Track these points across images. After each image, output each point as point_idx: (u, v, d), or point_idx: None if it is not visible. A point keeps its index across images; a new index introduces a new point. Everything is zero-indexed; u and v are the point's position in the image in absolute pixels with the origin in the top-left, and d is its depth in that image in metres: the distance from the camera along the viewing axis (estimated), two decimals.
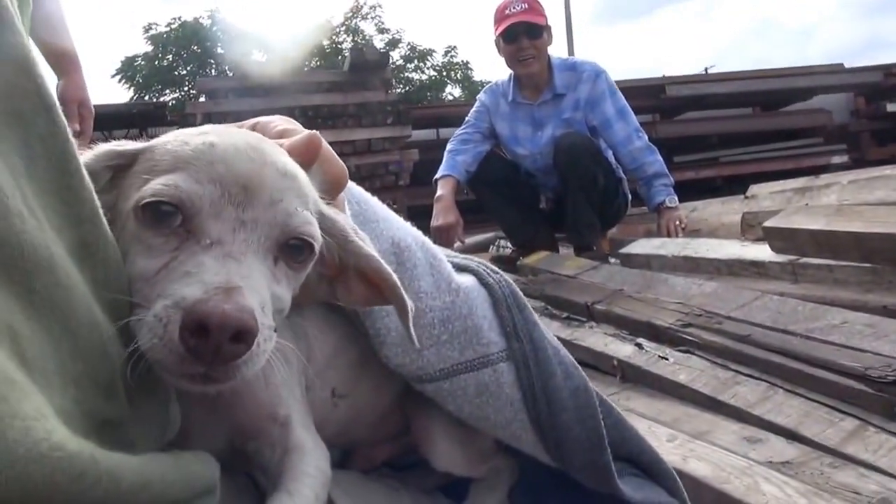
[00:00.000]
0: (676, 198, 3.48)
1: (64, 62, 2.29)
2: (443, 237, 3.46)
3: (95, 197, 0.42)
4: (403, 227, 0.78)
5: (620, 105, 3.52)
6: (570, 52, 18.16)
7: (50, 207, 0.37)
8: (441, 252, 0.80)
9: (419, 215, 4.85)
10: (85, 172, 0.41)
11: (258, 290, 0.47)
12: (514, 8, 3.48)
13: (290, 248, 0.52)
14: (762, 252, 2.52)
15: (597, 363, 2.13)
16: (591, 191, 3.38)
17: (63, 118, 0.39)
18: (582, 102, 3.51)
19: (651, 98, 9.18)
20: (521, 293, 0.82)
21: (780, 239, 2.37)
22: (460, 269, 0.82)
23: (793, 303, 1.88)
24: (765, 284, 2.34)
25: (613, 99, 3.51)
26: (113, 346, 0.43)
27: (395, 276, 0.59)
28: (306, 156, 0.61)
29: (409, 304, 0.60)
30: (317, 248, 0.53)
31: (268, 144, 0.54)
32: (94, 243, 0.42)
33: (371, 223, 0.74)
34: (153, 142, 0.54)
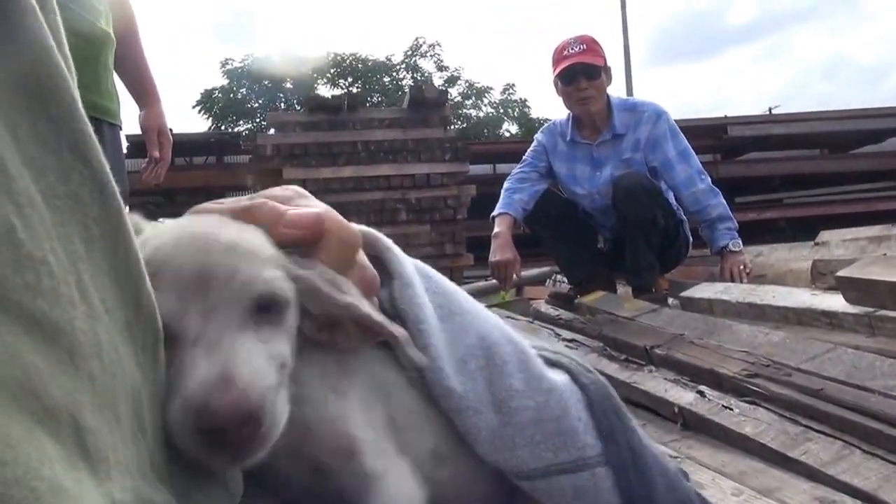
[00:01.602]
0: (741, 241, 3.39)
1: (144, 94, 2.41)
2: (500, 273, 3.44)
3: (145, 280, 0.43)
4: (490, 320, 0.76)
5: (682, 146, 3.46)
6: (630, 91, 18.11)
7: (106, 289, 0.38)
8: (529, 346, 0.77)
9: (477, 246, 4.91)
10: (138, 254, 0.42)
11: (249, 361, 0.49)
12: (571, 49, 3.48)
13: (262, 307, 0.53)
14: (835, 302, 2.40)
15: (656, 408, 2.06)
16: (651, 232, 3.32)
17: (117, 196, 0.39)
18: (642, 143, 3.47)
19: (712, 138, 9.07)
20: (616, 395, 0.80)
21: (856, 290, 2.27)
22: (551, 363, 0.80)
23: (870, 357, 1.78)
24: (838, 336, 2.23)
25: (675, 140, 3.46)
26: (156, 430, 0.44)
27: (376, 317, 0.61)
28: (309, 231, 0.60)
29: (400, 332, 0.62)
30: (284, 294, 0.55)
31: (209, 227, 0.55)
32: (137, 325, 0.42)
33: (456, 316, 0.73)
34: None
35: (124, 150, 2.61)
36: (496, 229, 3.48)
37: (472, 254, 4.99)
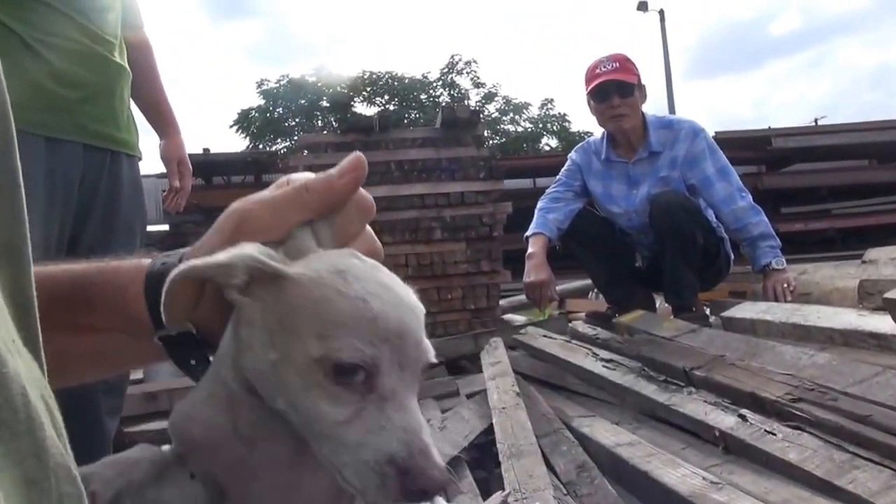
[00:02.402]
0: (784, 260, 3.31)
1: (163, 125, 2.45)
2: (535, 294, 3.41)
3: (40, 426, 0.38)
4: None
5: (721, 164, 3.41)
6: (671, 105, 17.95)
7: None
8: None
9: (513, 260, 4.88)
10: (28, 400, 0.37)
11: (428, 431, 0.54)
12: (604, 67, 3.46)
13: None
14: (883, 323, 2.31)
15: (696, 431, 2.01)
16: (690, 250, 3.26)
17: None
18: (680, 161, 3.42)
19: (756, 150, 8.94)
20: None
21: None
22: None
23: None
24: (887, 359, 2.14)
25: (714, 158, 3.40)
26: None
27: None
28: (360, 168, 0.62)
29: None
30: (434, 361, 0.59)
31: (400, 284, 0.58)
32: (43, 480, 0.37)
33: None
34: (294, 272, 0.56)
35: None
36: (530, 249, 3.46)
37: (510, 268, 4.96)
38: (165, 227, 8.49)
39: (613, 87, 3.42)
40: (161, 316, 0.57)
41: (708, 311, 3.46)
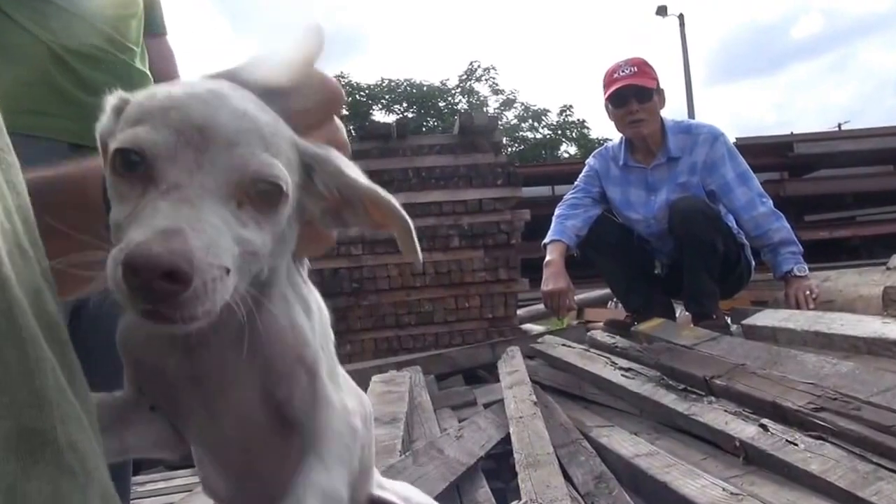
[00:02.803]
0: (806, 266, 3.26)
1: None
2: (553, 303, 3.37)
3: (42, 376, 0.38)
4: None
5: (741, 169, 3.37)
6: (691, 111, 17.85)
7: None
8: None
9: (532, 268, 4.85)
10: (25, 353, 0.37)
11: (208, 231, 0.47)
12: (622, 72, 3.43)
13: (259, 192, 0.51)
14: None
15: (716, 441, 1.99)
16: (710, 257, 3.22)
17: None
18: (699, 166, 3.39)
19: (778, 156, 8.85)
20: None
21: None
22: None
23: None
24: None
25: (734, 163, 3.36)
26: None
27: (393, 200, 0.58)
28: (309, 47, 0.58)
29: (410, 222, 0.59)
30: (285, 188, 0.52)
31: (231, 89, 0.53)
32: (46, 429, 0.38)
33: None
34: (135, 95, 0.55)
35: None
36: (548, 257, 3.43)
37: (528, 276, 4.94)
38: None
39: (632, 92, 3.40)
40: None
41: (728, 320, 3.42)
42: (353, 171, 0.58)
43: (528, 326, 5.22)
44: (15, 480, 0.34)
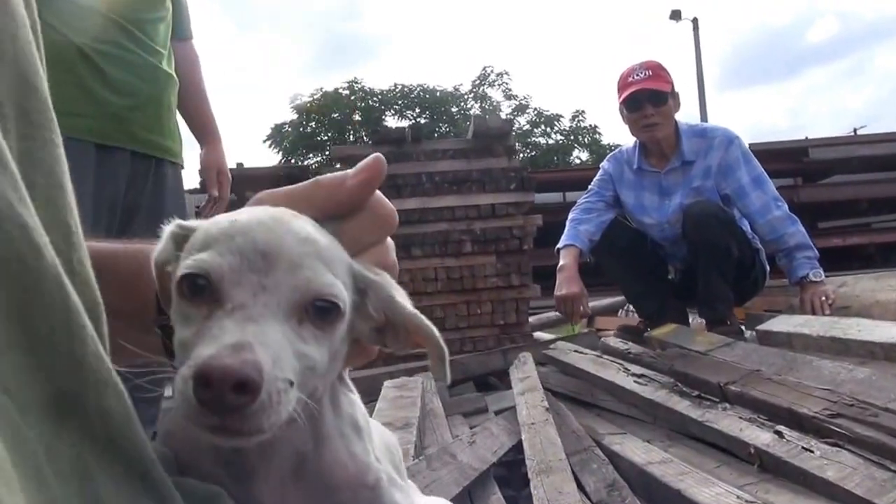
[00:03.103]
0: (822, 271, 3.23)
1: (205, 134, 2.50)
2: (567, 308, 3.36)
3: (82, 343, 0.39)
4: None
5: (756, 173, 3.34)
6: (703, 116, 17.78)
7: (10, 363, 0.35)
8: None
9: (544, 276, 4.83)
10: (69, 317, 0.38)
11: (272, 345, 0.49)
12: (636, 75, 3.42)
13: (317, 310, 0.53)
14: None
15: (730, 448, 1.97)
16: (724, 262, 3.20)
17: (35, 259, 0.36)
18: (713, 170, 3.37)
19: (793, 161, 8.78)
20: None
21: None
22: None
23: None
24: None
25: (748, 166, 3.34)
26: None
27: (433, 328, 0.60)
28: (375, 170, 0.60)
29: (446, 351, 0.61)
30: (343, 307, 0.54)
31: (291, 215, 0.56)
32: (78, 393, 0.39)
33: None
34: (199, 222, 0.58)
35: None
36: (562, 262, 3.42)
37: (539, 283, 4.91)
38: None
39: (646, 96, 3.39)
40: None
41: (743, 325, 3.39)
42: (402, 298, 0.60)
43: (539, 335, 5.20)
44: (51, 441, 0.36)
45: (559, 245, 3.52)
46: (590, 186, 3.75)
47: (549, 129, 26.35)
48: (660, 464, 1.91)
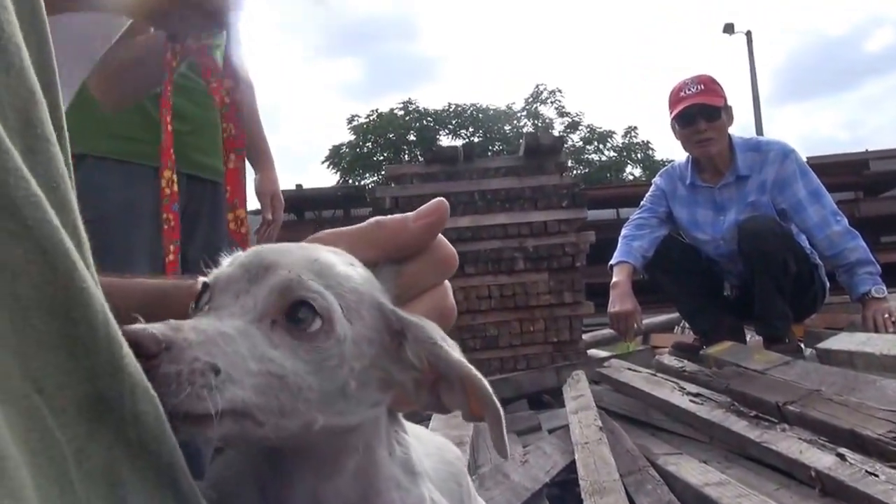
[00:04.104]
0: (884, 287, 3.13)
1: (259, 159, 2.56)
2: (620, 325, 3.33)
3: (119, 345, 0.39)
4: None
5: (813, 186, 3.27)
6: (758, 129, 17.43)
7: (48, 363, 0.35)
8: None
9: (597, 294, 4.79)
10: (108, 318, 0.38)
11: (207, 331, 0.46)
12: (688, 90, 3.39)
13: (292, 316, 0.49)
14: None
15: (790, 471, 1.93)
16: (782, 278, 3.13)
17: (69, 255, 0.36)
18: (769, 184, 3.31)
19: (852, 174, 8.54)
20: None
21: None
22: None
23: None
24: None
25: (805, 180, 3.27)
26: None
27: (486, 383, 0.53)
28: (438, 215, 0.59)
29: (502, 413, 0.54)
30: (324, 314, 0.49)
31: (325, 249, 0.54)
32: (114, 396, 0.38)
33: None
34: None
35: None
36: (615, 279, 3.39)
37: (592, 300, 4.88)
38: None
39: (699, 111, 3.35)
40: None
41: (801, 343, 3.31)
42: (447, 344, 0.54)
43: (593, 351, 5.16)
44: (83, 444, 0.35)
45: (612, 262, 3.49)
46: (642, 202, 3.72)
47: (601, 146, 26.22)
48: (717, 485, 1.88)
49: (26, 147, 0.36)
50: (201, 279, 0.53)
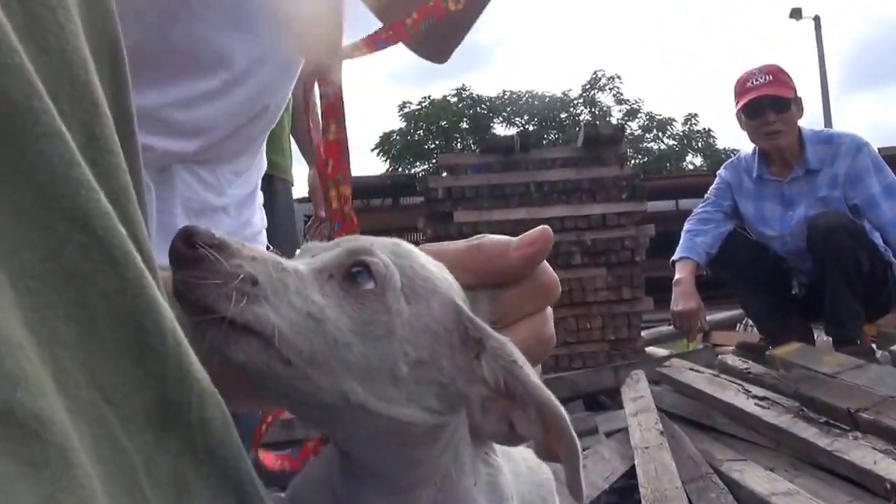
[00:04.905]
0: None
1: (314, 155, 2.58)
2: (683, 323, 3.26)
3: (187, 352, 0.39)
4: None
5: (888, 181, 3.14)
6: (827, 120, 16.85)
7: (117, 371, 0.35)
8: None
9: (657, 288, 4.69)
10: (175, 325, 0.38)
11: (268, 259, 0.47)
12: (756, 80, 3.28)
13: (350, 274, 0.49)
14: None
15: (862, 482, 1.86)
16: (854, 276, 3.02)
17: (136, 264, 0.36)
18: (841, 179, 3.18)
19: None
20: None
21: None
22: None
23: None
24: None
25: (879, 174, 3.14)
26: None
27: (565, 415, 0.50)
28: (540, 244, 0.56)
29: (580, 448, 0.50)
30: (380, 274, 0.49)
31: (411, 245, 0.54)
32: (182, 403, 0.38)
33: None
34: None
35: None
36: (677, 275, 3.32)
37: (651, 296, 4.77)
38: None
39: (767, 103, 3.25)
40: None
41: (874, 345, 3.18)
42: (526, 366, 0.51)
43: (652, 350, 5.05)
44: (151, 452, 0.36)
45: (674, 257, 3.42)
46: (706, 195, 3.63)
47: (660, 134, 25.72)
48: (785, 495, 1.82)
49: (89, 159, 0.36)
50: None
